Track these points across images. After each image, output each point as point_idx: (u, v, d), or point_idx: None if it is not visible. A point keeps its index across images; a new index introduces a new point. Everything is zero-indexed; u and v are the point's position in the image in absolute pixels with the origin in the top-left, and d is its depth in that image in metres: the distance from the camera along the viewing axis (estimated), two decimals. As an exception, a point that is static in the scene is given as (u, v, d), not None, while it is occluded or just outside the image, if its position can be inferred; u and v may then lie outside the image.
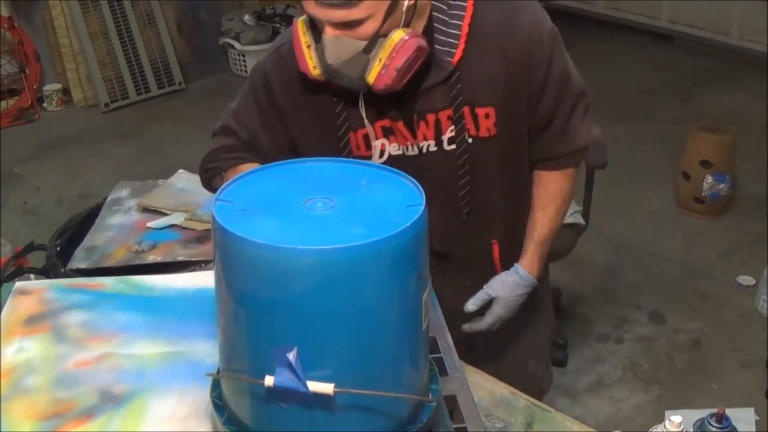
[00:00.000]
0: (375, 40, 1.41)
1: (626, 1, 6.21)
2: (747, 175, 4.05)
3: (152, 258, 1.86)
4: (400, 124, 1.55)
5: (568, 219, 2.64)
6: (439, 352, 1.29)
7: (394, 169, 1.14)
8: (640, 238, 3.77)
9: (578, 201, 2.83)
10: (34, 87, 5.26)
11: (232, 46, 5.80)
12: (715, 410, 1.31)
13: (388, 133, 1.57)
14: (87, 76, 5.37)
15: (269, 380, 0.99)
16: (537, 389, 1.90)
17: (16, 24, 5.18)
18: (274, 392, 0.99)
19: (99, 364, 1.26)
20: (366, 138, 1.57)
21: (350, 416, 1.02)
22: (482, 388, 1.45)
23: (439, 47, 1.50)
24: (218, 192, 1.06)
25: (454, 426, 1.16)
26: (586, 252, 3.48)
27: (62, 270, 1.88)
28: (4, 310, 1.38)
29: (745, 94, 5.13)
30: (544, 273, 1.81)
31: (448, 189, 1.61)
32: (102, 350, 1.29)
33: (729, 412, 1.31)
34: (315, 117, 1.58)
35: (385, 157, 1.58)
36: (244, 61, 5.83)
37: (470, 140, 1.57)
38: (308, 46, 1.46)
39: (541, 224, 1.71)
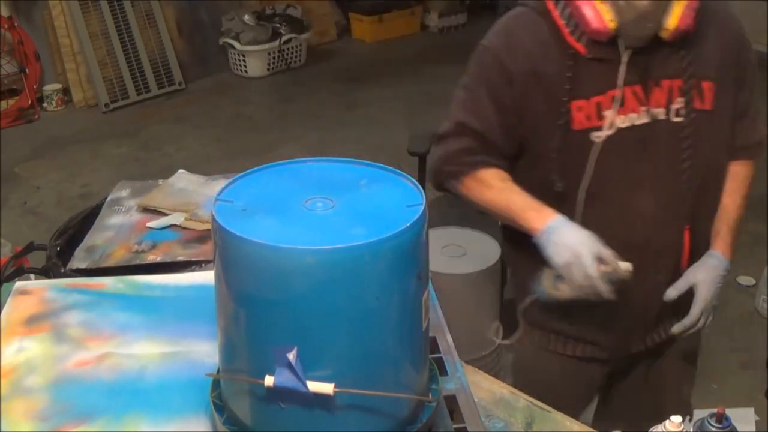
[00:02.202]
0: None
1: (626, 1, 6.19)
2: (747, 175, 4.04)
3: (152, 258, 1.85)
4: (638, 88, 1.59)
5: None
6: (439, 352, 1.28)
7: (394, 170, 1.14)
8: (640, 238, 3.76)
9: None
10: (34, 87, 5.26)
11: (232, 46, 5.80)
12: (715, 410, 1.30)
13: (616, 104, 1.59)
14: (87, 76, 5.37)
15: (269, 380, 0.99)
16: None
17: (16, 24, 5.18)
18: (274, 392, 0.99)
19: (99, 364, 1.26)
20: (598, 106, 1.59)
21: (350, 416, 1.02)
22: (482, 388, 1.45)
23: None
24: (218, 192, 1.06)
25: (454, 426, 1.16)
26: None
27: (62, 270, 1.88)
28: (4, 310, 1.37)
29: (745, 94, 5.11)
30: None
31: (670, 164, 1.62)
32: (102, 350, 1.28)
33: (729, 412, 1.31)
34: (542, 87, 1.59)
35: (614, 129, 1.59)
36: (244, 61, 5.83)
37: (694, 115, 1.61)
38: (601, 1, 1.53)
39: (732, 210, 1.76)
